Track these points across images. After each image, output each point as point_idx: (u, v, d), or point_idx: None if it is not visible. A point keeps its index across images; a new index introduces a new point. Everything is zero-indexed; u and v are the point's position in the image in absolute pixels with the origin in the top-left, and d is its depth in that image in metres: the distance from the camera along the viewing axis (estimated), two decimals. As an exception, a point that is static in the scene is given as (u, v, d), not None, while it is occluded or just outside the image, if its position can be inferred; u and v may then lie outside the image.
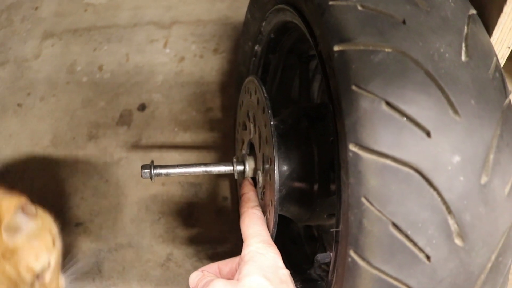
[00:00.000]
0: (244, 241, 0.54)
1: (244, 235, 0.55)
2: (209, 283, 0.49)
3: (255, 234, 0.54)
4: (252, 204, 0.60)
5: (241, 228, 0.57)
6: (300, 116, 0.68)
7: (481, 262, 0.39)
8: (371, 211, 0.38)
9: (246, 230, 0.55)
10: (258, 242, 0.52)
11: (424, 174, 0.38)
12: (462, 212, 0.38)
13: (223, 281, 0.49)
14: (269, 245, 0.53)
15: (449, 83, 0.40)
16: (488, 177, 0.39)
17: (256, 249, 0.52)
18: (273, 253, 0.51)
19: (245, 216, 0.58)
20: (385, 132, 0.38)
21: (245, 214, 0.58)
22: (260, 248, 0.52)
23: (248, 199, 0.61)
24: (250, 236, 0.54)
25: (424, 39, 0.41)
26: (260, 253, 0.51)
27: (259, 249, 0.52)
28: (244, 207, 0.59)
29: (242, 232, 0.56)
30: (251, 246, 0.52)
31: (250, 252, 0.51)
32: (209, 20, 1.42)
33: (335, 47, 0.43)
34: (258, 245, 0.52)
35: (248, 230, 0.55)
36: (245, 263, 0.50)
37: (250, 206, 0.59)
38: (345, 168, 0.41)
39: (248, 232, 0.55)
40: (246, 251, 0.52)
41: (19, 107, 1.36)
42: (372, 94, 0.39)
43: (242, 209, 0.60)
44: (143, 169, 0.66)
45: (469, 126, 0.39)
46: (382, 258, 0.38)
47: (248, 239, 0.54)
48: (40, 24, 1.53)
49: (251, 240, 0.53)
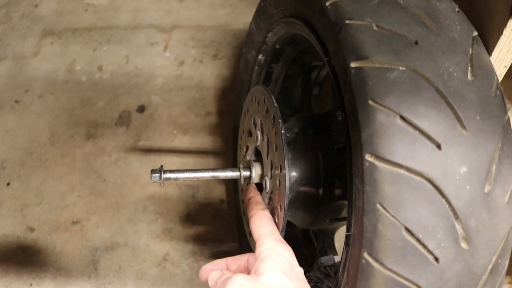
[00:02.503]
0: (257, 240, 0.55)
1: (256, 234, 0.56)
2: (229, 279, 0.50)
3: (268, 233, 0.55)
4: (261, 206, 0.62)
5: (252, 229, 0.58)
6: (306, 125, 0.71)
7: (483, 264, 0.43)
8: (386, 217, 0.41)
9: (258, 229, 0.57)
10: (272, 240, 0.54)
11: (434, 183, 0.41)
12: (468, 218, 0.41)
13: (243, 276, 0.50)
14: (284, 243, 0.54)
15: (457, 100, 0.43)
16: (491, 186, 0.42)
17: (271, 247, 0.53)
18: (288, 251, 0.53)
19: (255, 218, 0.59)
20: (399, 144, 0.42)
21: (256, 216, 0.59)
22: (276, 245, 0.53)
23: (256, 202, 0.63)
24: (263, 234, 0.55)
25: (434, 59, 0.45)
26: (277, 250, 0.52)
27: (274, 246, 0.53)
28: (254, 209, 0.61)
29: (253, 232, 0.57)
30: (266, 244, 0.53)
31: (266, 249, 0.53)
32: (209, 25, 1.44)
33: (352, 64, 0.46)
34: (273, 242, 0.53)
35: (261, 230, 0.56)
36: (262, 259, 0.51)
37: (260, 208, 0.61)
38: (361, 177, 0.44)
39: (260, 232, 0.56)
40: (262, 248, 0.53)
41: (17, 104, 1.36)
42: (388, 109, 0.42)
43: (251, 211, 0.61)
44: (153, 173, 0.68)
45: (475, 139, 0.43)
46: (395, 260, 0.42)
47: (262, 238, 0.55)
48: (40, 22, 1.54)
49: (265, 238, 0.54)
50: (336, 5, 0.49)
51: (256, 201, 0.63)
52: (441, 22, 0.47)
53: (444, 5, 0.49)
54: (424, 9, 0.48)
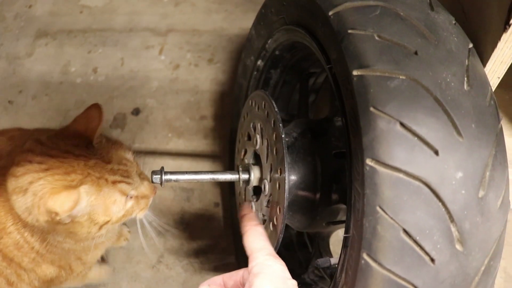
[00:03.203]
0: (250, 255, 0.56)
1: (249, 249, 0.57)
2: None
3: (261, 248, 0.56)
4: (254, 222, 0.62)
5: (245, 244, 0.59)
6: (304, 130, 0.73)
7: (476, 266, 0.45)
8: (385, 219, 0.43)
9: (251, 244, 0.57)
10: (265, 255, 0.54)
11: (432, 187, 0.43)
12: (462, 221, 0.43)
13: None
14: (276, 257, 0.55)
15: (454, 108, 0.46)
16: (485, 191, 0.45)
17: (264, 261, 0.53)
18: (280, 265, 0.53)
19: (249, 233, 0.60)
20: (399, 150, 0.44)
21: (249, 231, 0.60)
22: (268, 260, 0.54)
23: (249, 218, 0.64)
24: (256, 249, 0.56)
25: (433, 69, 0.47)
26: (269, 264, 0.53)
27: (266, 260, 0.53)
28: (247, 225, 0.61)
29: (246, 247, 0.58)
30: (258, 259, 0.54)
31: (258, 264, 0.53)
32: (204, 30, 1.46)
33: (354, 72, 0.48)
34: (266, 257, 0.54)
35: (253, 245, 0.57)
36: (255, 275, 0.51)
37: (253, 224, 0.62)
38: (361, 180, 0.46)
39: (253, 246, 0.57)
40: (254, 263, 0.54)
41: (10, 104, 1.36)
42: (388, 116, 0.44)
43: (244, 227, 0.62)
44: (153, 174, 0.69)
45: (470, 146, 0.45)
46: (393, 261, 0.43)
47: (254, 253, 0.55)
48: (34, 23, 1.53)
49: (258, 253, 0.55)
50: (339, 15, 0.51)
51: (249, 217, 0.64)
52: (439, 34, 0.49)
53: (442, 17, 0.52)
54: (423, 21, 0.50)
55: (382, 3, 0.51)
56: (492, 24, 0.55)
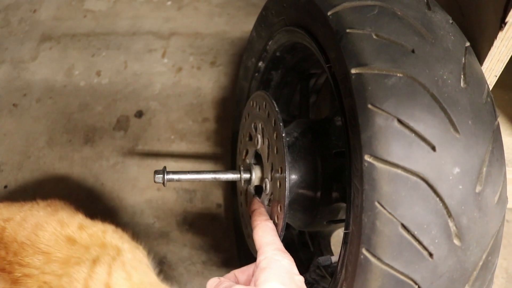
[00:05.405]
0: (258, 249, 0.57)
1: (258, 243, 0.58)
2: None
3: (269, 243, 0.56)
4: (265, 217, 0.63)
5: (255, 238, 0.59)
6: (305, 130, 0.74)
7: (474, 260, 0.45)
8: (383, 214, 0.44)
9: (260, 239, 0.58)
10: (273, 250, 0.55)
11: (429, 182, 0.44)
12: (460, 216, 0.44)
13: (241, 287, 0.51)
14: (284, 252, 0.55)
15: (451, 105, 0.46)
16: (482, 186, 0.45)
17: (272, 256, 0.54)
18: (288, 260, 0.54)
19: (258, 228, 0.60)
20: (397, 146, 0.44)
21: (259, 226, 0.61)
22: (276, 254, 0.54)
23: (260, 213, 0.65)
24: (264, 244, 0.56)
25: (430, 66, 0.48)
26: (276, 259, 0.53)
27: (274, 255, 0.54)
28: (257, 220, 0.62)
29: (256, 242, 0.59)
30: (267, 253, 0.55)
31: (266, 258, 0.54)
32: (207, 33, 1.47)
33: (352, 70, 0.49)
34: (274, 252, 0.55)
35: (263, 239, 0.58)
36: (262, 269, 0.52)
37: (263, 219, 0.63)
38: (360, 176, 0.47)
39: (262, 241, 0.57)
40: (262, 257, 0.54)
41: (15, 107, 1.37)
42: (386, 113, 0.45)
43: (254, 222, 0.63)
44: (156, 173, 0.70)
45: (467, 142, 0.46)
46: (392, 255, 0.44)
47: (263, 247, 0.56)
48: (38, 27, 1.55)
49: (266, 247, 0.56)
50: (338, 15, 0.52)
51: (259, 212, 0.65)
52: (436, 32, 0.50)
53: (438, 16, 0.53)
54: (420, 20, 0.51)
55: (380, 3, 0.52)
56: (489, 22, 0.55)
